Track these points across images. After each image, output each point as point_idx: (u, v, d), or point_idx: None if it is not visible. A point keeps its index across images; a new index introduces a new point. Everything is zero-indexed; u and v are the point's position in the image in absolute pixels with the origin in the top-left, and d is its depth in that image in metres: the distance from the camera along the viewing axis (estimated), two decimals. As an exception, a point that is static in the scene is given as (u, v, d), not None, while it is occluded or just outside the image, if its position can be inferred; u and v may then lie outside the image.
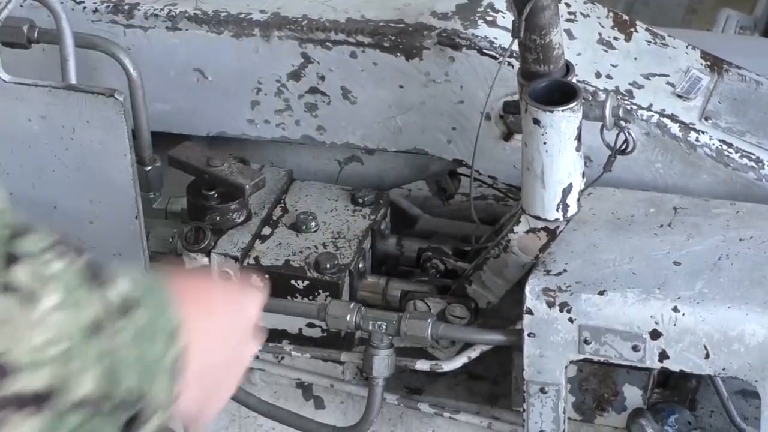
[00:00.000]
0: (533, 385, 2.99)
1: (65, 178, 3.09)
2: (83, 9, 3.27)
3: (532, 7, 2.84)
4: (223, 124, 3.33)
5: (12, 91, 3.04)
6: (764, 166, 3.13)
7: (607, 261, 2.98)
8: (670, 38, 3.29)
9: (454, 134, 3.20)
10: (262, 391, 3.26)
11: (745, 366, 2.87)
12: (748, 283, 2.92)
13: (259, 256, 3.20)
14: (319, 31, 3.22)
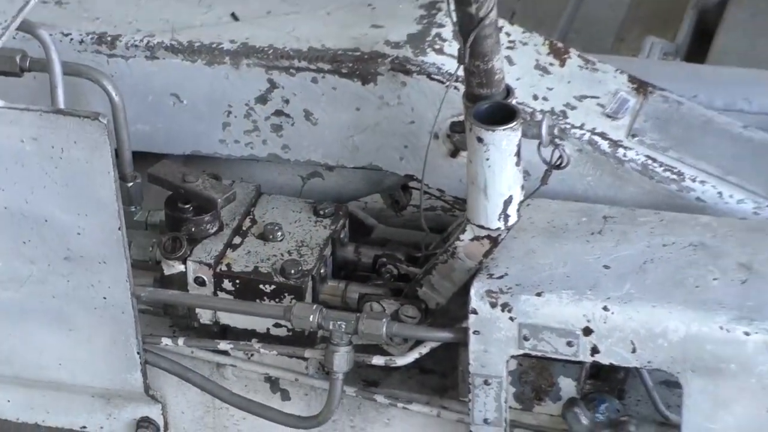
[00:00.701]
0: (478, 377, 3.02)
1: (55, 194, 3.06)
2: (70, 40, 3.28)
3: (476, 36, 2.87)
4: (197, 143, 3.34)
5: (6, 115, 3.01)
6: (685, 179, 3.15)
7: (544, 265, 3.01)
8: (600, 64, 3.31)
9: (406, 152, 3.21)
10: (233, 385, 3.27)
11: (668, 359, 2.91)
12: (671, 285, 2.95)
13: (230, 263, 3.20)
14: (283, 59, 3.23)
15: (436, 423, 3.23)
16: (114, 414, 3.36)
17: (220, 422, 3.35)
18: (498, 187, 2.97)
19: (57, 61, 3.13)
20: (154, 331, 3.28)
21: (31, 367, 3.29)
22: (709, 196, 3.17)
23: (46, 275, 3.16)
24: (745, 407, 2.93)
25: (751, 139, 3.28)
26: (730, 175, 3.18)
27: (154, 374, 3.28)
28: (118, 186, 3.06)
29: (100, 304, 3.16)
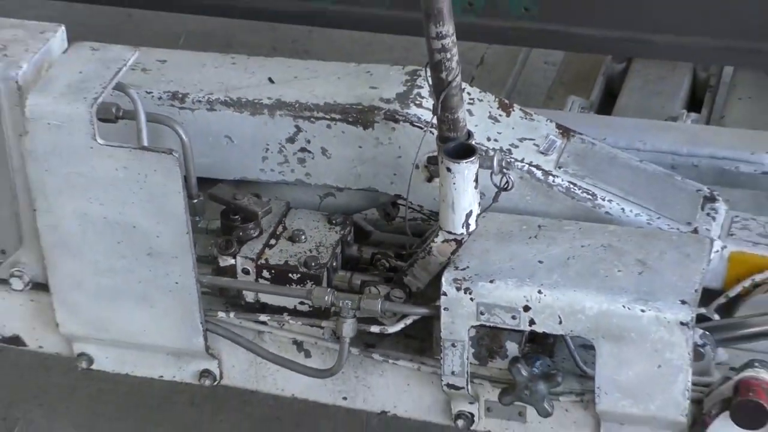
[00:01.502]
0: (447, 341, 3.01)
1: (140, 208, 3.06)
2: (152, 97, 3.25)
3: (446, 95, 2.89)
4: (244, 171, 3.31)
5: (105, 150, 3.02)
6: (597, 199, 3.14)
7: (495, 261, 3.00)
8: (536, 115, 3.30)
9: (395, 178, 3.20)
10: (270, 346, 3.26)
11: (586, 329, 2.92)
12: (587, 275, 2.96)
13: (268, 258, 3.19)
14: (306, 111, 3.21)
15: (417, 375, 3.20)
16: (183, 367, 3.35)
17: (261, 373, 3.31)
18: (462, 204, 3.00)
19: (142, 111, 3.11)
20: (212, 308, 3.25)
21: (123, 333, 3.28)
22: (615, 211, 3.15)
23: (134, 267, 3.15)
24: (641, 364, 2.93)
25: (645, 170, 3.28)
26: (629, 195, 3.17)
27: (212, 339, 3.26)
28: (187, 202, 3.07)
29: (173, 287, 3.15)
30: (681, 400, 2.94)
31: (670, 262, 2.99)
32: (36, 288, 3.30)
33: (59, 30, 3.16)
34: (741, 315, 3.13)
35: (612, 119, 3.71)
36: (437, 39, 2.85)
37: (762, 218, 3.20)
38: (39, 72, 3.10)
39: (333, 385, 3.26)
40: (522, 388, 3.04)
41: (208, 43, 3.56)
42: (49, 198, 3.12)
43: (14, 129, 3.09)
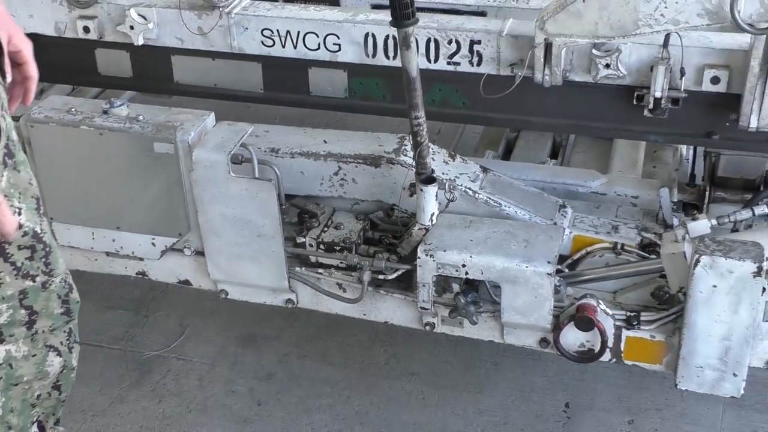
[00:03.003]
0: (420, 283, 3.01)
1: (254, 211, 3.06)
2: (261, 149, 3.20)
3: (419, 150, 2.92)
4: (310, 190, 3.26)
5: (235, 179, 3.04)
6: (502, 206, 3.08)
7: (447, 239, 2.98)
8: (469, 161, 3.24)
9: (393, 194, 3.17)
10: (324, 285, 3.23)
11: (496, 276, 2.93)
12: (497, 247, 2.94)
13: (323, 238, 3.17)
14: (344, 158, 3.16)
15: (404, 302, 3.17)
16: (277, 297, 3.32)
17: (318, 300, 3.28)
18: (428, 209, 3.00)
19: (255, 158, 3.10)
20: (293, 265, 3.24)
21: (244, 278, 3.25)
22: (512, 213, 3.11)
23: (250, 242, 3.15)
24: (525, 296, 2.93)
25: (527, 190, 3.23)
26: (520, 204, 3.14)
27: (293, 282, 3.25)
28: (279, 208, 3.09)
29: (271, 254, 3.16)
30: (547, 315, 2.95)
31: (542, 240, 2.98)
32: (197, 254, 3.31)
33: (211, 114, 3.20)
34: (580, 269, 3.12)
35: (510, 163, 3.67)
36: (415, 119, 2.86)
37: (591, 216, 3.19)
38: (200, 137, 3.13)
39: (358, 307, 3.23)
40: (461, 309, 3.04)
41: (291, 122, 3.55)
42: (205, 205, 3.14)
43: (186, 167, 3.12)
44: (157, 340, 3.87)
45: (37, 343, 2.16)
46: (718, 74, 2.93)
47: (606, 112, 3.11)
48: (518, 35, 3.07)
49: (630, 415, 3.39)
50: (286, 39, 3.29)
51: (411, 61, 2.75)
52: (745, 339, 2.71)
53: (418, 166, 2.94)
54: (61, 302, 2.22)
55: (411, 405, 3.51)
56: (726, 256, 2.64)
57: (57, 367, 2.23)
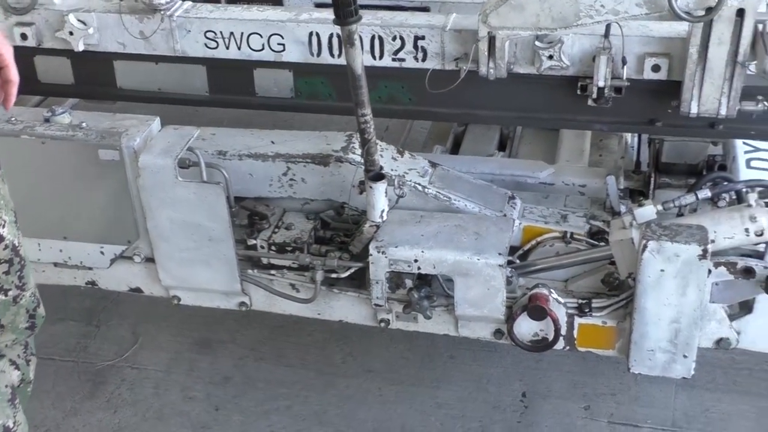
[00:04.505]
0: (373, 280, 3.01)
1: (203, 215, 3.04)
2: (207, 153, 3.18)
3: (367, 147, 2.91)
4: (259, 192, 3.25)
5: (183, 184, 3.02)
6: (452, 200, 3.09)
7: (398, 235, 2.99)
8: (417, 156, 3.25)
9: (343, 192, 3.16)
10: (277, 287, 3.22)
11: (448, 270, 2.94)
12: (448, 241, 2.95)
13: (274, 239, 3.16)
14: (292, 158, 3.16)
15: (358, 300, 3.17)
16: (229, 300, 3.31)
17: (272, 302, 3.27)
18: (378, 206, 3.00)
19: (202, 161, 3.08)
20: (244, 268, 3.22)
21: (195, 283, 3.25)
22: (461, 206, 3.12)
23: (200, 246, 3.13)
24: (478, 288, 2.95)
25: (476, 183, 3.25)
26: (469, 197, 3.15)
27: (245, 285, 3.24)
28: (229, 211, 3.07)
29: (222, 257, 3.14)
30: (500, 307, 2.97)
31: (492, 232, 2.99)
32: (148, 261, 3.28)
33: (156, 119, 3.17)
34: (531, 259, 3.15)
35: (458, 157, 3.69)
36: (362, 117, 2.86)
37: (540, 207, 3.22)
38: (146, 142, 3.10)
39: (312, 307, 3.22)
40: (415, 304, 3.05)
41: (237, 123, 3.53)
42: (153, 211, 3.11)
43: (133, 173, 3.08)
44: (110, 349, 3.83)
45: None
46: (659, 62, 2.98)
47: (551, 103, 3.15)
48: (462, 29, 3.09)
49: (586, 401, 3.44)
50: (230, 40, 3.27)
51: (356, 58, 2.75)
52: (693, 321, 2.77)
53: (366, 163, 2.94)
54: (28, 317, 2.21)
55: (369, 402, 3.52)
56: (672, 240, 2.68)
57: (15, 380, 2.20)
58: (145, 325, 3.93)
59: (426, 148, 3.80)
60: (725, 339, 2.89)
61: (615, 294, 2.98)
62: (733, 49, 2.82)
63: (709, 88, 2.90)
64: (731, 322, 2.88)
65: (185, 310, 3.39)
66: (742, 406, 3.35)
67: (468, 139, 3.83)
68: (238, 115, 3.93)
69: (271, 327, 3.84)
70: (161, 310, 3.86)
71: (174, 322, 3.91)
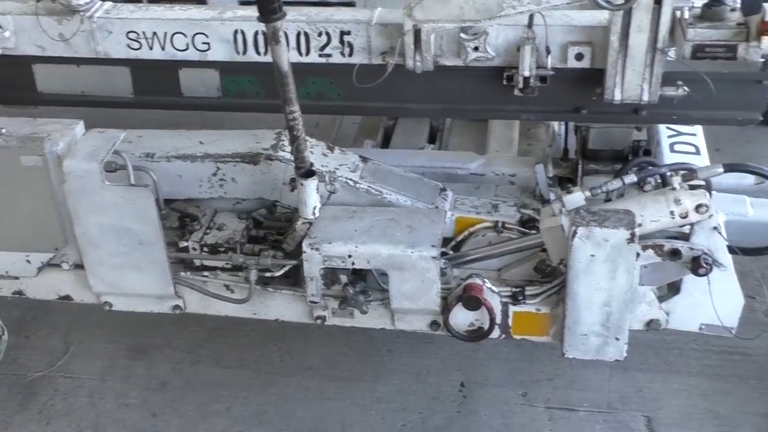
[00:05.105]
0: (308, 277, 3.00)
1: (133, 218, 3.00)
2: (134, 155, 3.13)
3: (297, 144, 2.92)
4: (189, 193, 3.22)
5: (110, 188, 2.97)
6: (383, 194, 3.10)
7: (331, 232, 2.98)
8: (348, 151, 3.26)
9: (274, 191, 3.15)
10: (210, 288, 3.20)
11: (382, 264, 2.94)
12: (381, 235, 2.95)
13: (206, 240, 3.14)
14: (222, 158, 3.13)
15: (293, 297, 3.16)
16: (163, 304, 3.28)
17: (206, 304, 3.25)
18: (310, 203, 3.00)
19: (129, 164, 3.05)
20: (177, 270, 3.19)
21: (127, 288, 3.20)
22: (394, 200, 3.13)
23: (131, 251, 3.09)
24: (413, 281, 2.96)
25: (407, 177, 3.26)
26: (401, 191, 3.16)
27: (178, 287, 3.21)
28: (158, 213, 3.04)
29: (153, 260, 3.11)
30: (435, 298, 2.99)
31: (425, 225, 3.01)
32: (77, 268, 3.24)
33: (80, 123, 3.12)
34: (464, 250, 3.16)
35: (389, 151, 3.70)
36: (290, 114, 2.85)
37: (471, 198, 3.24)
38: (70, 147, 3.05)
39: (248, 307, 3.20)
40: (351, 299, 3.06)
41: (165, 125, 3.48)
42: (80, 217, 3.06)
43: (57, 179, 3.03)
44: (41, 359, 3.76)
45: None
46: (582, 51, 3.03)
47: (478, 94, 3.18)
48: (387, 23, 3.11)
49: (523, 388, 3.48)
50: (153, 41, 3.24)
51: (281, 55, 2.74)
52: (624, 304, 2.81)
53: (296, 160, 2.93)
54: None
55: (309, 400, 3.51)
56: (601, 225, 2.72)
57: None
58: (77, 334, 3.86)
59: (356, 143, 3.81)
60: (655, 320, 2.95)
61: (548, 281, 3.01)
62: (653, 36, 2.88)
63: (631, 75, 2.95)
64: (660, 303, 2.94)
65: (118, 316, 3.34)
66: (674, 385, 3.42)
67: (398, 132, 3.84)
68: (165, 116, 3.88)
69: (208, 329, 3.81)
70: (93, 318, 3.81)
71: (107, 328, 3.85)
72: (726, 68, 2.92)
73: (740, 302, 2.89)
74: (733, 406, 3.33)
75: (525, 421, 3.33)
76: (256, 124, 3.44)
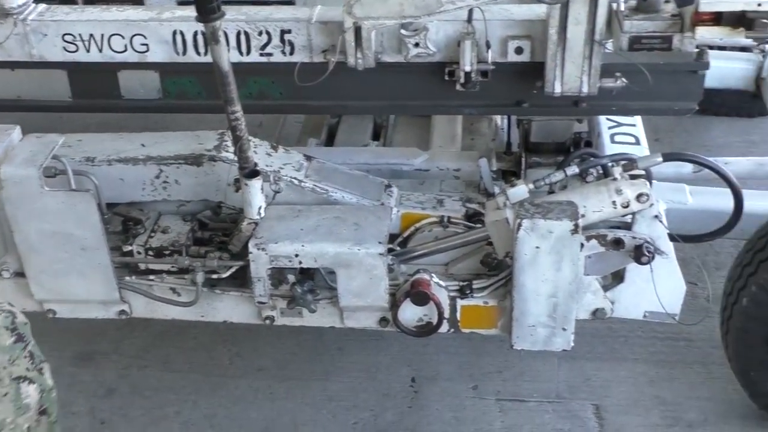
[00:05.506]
0: (255, 278, 2.98)
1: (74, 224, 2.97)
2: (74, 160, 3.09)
3: (240, 144, 2.89)
4: (132, 197, 3.18)
5: (50, 194, 2.94)
6: (329, 192, 3.09)
7: (277, 231, 2.97)
8: (292, 150, 3.22)
9: (218, 192, 3.13)
10: (157, 292, 3.17)
11: (330, 263, 2.93)
12: (328, 234, 2.95)
13: (150, 244, 3.11)
14: (164, 160, 3.10)
15: (241, 298, 3.14)
16: (108, 310, 3.24)
17: (153, 308, 3.22)
18: (255, 202, 2.98)
19: (69, 169, 3.01)
20: (122, 275, 3.17)
21: (71, 294, 3.17)
22: (339, 198, 3.13)
23: (73, 257, 3.06)
24: (361, 278, 2.96)
25: (352, 174, 3.26)
26: (346, 188, 3.16)
27: (124, 292, 3.18)
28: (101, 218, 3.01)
29: (97, 266, 3.08)
30: (384, 295, 2.99)
31: (371, 222, 3.01)
32: (18, 276, 3.19)
33: (16, 128, 3.08)
34: (411, 246, 3.17)
35: (333, 149, 3.70)
36: (232, 114, 2.83)
37: (416, 193, 3.25)
38: (7, 152, 3.01)
39: (195, 309, 3.18)
40: (299, 299, 3.04)
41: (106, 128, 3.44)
42: (20, 224, 3.02)
43: (-6, 186, 2.99)
44: (-15, 370, 3.68)
45: (4, 380, 2.13)
46: (521, 44, 3.07)
47: (420, 90, 3.19)
48: (327, 21, 3.11)
49: (473, 381, 3.50)
50: (90, 43, 3.20)
51: (222, 55, 2.73)
52: (570, 294, 2.85)
53: (240, 160, 2.92)
54: (10, 332, 2.19)
55: (259, 401, 3.50)
56: (545, 217, 2.75)
57: (35, 394, 2.20)
58: (21, 343, 3.78)
59: (300, 141, 3.79)
60: (601, 309, 3.00)
61: (494, 274, 3.04)
62: (590, 28, 2.92)
63: (571, 68, 2.99)
64: (605, 292, 2.99)
65: (63, 323, 3.29)
66: (621, 372, 3.47)
67: (342, 130, 3.84)
68: (106, 119, 3.84)
69: (155, 333, 3.77)
70: (36, 326, 3.59)
71: (51, 336, 3.69)
72: (662, 59, 2.98)
73: (682, 289, 2.94)
74: (679, 392, 3.38)
75: (476, 414, 3.36)
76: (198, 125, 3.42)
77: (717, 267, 3.73)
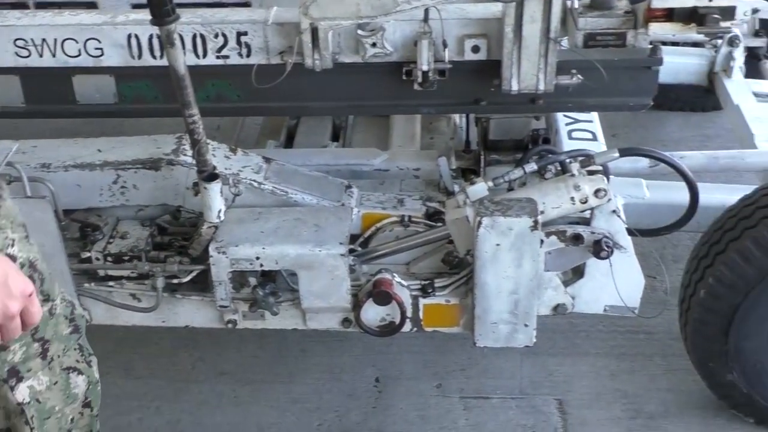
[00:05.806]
0: (216, 282, 2.98)
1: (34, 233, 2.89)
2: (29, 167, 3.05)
3: (198, 148, 2.89)
4: (90, 202, 3.16)
5: None
6: (288, 194, 3.08)
7: (237, 234, 2.97)
8: (251, 153, 3.24)
9: (177, 196, 3.11)
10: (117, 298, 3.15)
11: (291, 264, 2.94)
12: (289, 236, 2.95)
13: (109, 250, 3.09)
14: (122, 165, 3.08)
15: (202, 303, 3.13)
16: None
17: (114, 314, 3.20)
18: (215, 206, 2.99)
19: (24, 176, 2.99)
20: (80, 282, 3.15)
21: None
22: (299, 199, 3.12)
23: None
24: (322, 280, 2.96)
25: (312, 175, 3.26)
26: (306, 190, 3.16)
27: (83, 299, 3.16)
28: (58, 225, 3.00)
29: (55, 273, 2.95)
30: (346, 295, 3.00)
31: (332, 223, 3.02)
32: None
33: (-33, 134, 3.04)
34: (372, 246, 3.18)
35: (292, 150, 3.69)
36: (190, 118, 2.83)
37: (377, 193, 3.26)
38: (-41, 160, 2.96)
39: (156, 315, 3.16)
40: (261, 301, 3.04)
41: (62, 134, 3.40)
42: (-25, 232, 2.96)
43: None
44: (-58, 382, 3.62)
45: (55, 369, 2.16)
46: (478, 43, 3.08)
47: (378, 90, 3.19)
48: (284, 22, 3.10)
49: (437, 379, 3.52)
50: (43, 48, 3.16)
51: (177, 58, 2.72)
52: (531, 290, 2.87)
53: (198, 164, 2.92)
54: (68, 322, 2.24)
55: (223, 405, 3.48)
56: (504, 214, 2.78)
57: (83, 385, 2.24)
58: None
59: (259, 144, 3.78)
60: (562, 305, 3.03)
61: (456, 272, 3.05)
62: (546, 26, 2.95)
63: (527, 65, 3.02)
64: (566, 288, 3.02)
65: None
66: (582, 367, 3.51)
67: (301, 132, 3.83)
68: (61, 125, 3.79)
69: (116, 340, 3.72)
70: None
71: None
72: (616, 56, 3.01)
73: (641, 282, 2.98)
74: (640, 384, 3.42)
75: (440, 412, 3.37)
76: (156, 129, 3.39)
77: (675, 260, 3.78)
